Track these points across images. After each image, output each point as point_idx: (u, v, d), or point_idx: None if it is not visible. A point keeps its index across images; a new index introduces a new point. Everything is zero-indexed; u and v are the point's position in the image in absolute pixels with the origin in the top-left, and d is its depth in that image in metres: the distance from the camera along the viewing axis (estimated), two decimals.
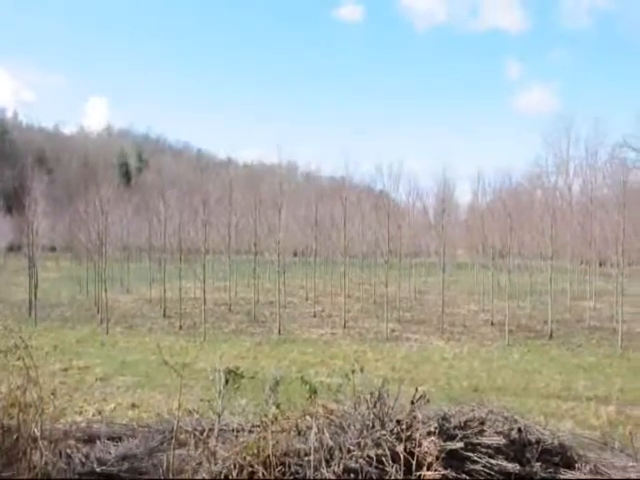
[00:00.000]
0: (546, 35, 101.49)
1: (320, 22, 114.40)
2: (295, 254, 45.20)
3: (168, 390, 10.11)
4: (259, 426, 5.21)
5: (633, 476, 5.08)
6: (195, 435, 5.09)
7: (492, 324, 22.22)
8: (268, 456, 4.65)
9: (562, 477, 5.09)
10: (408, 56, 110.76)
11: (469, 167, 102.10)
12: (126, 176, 79.70)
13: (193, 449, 5.10)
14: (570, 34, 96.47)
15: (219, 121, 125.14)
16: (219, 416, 5.50)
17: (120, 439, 5.74)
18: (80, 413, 9.11)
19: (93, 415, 8.97)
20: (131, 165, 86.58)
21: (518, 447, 5.20)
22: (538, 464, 5.09)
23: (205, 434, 5.27)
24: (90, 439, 5.41)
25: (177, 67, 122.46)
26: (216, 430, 5.35)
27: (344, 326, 21.01)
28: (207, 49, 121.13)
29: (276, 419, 5.08)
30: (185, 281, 24.47)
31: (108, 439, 5.64)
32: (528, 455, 5.16)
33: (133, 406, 9.69)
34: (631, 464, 5.45)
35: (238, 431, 5.54)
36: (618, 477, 5.10)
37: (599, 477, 5.12)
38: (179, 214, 25.37)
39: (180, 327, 20.17)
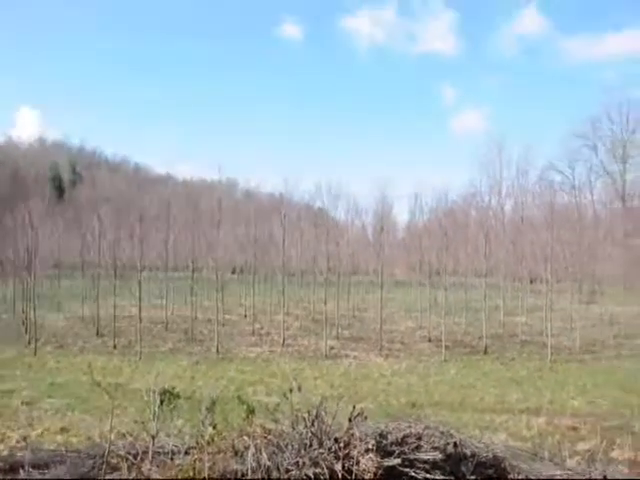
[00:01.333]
0: (478, 61, 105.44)
1: (261, 40, 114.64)
2: (234, 271, 44.69)
3: (101, 412, 9.70)
4: (195, 447, 5.09)
5: None
6: (128, 459, 4.92)
7: (429, 340, 22.64)
8: (204, 478, 4.55)
9: None
10: (348, 76, 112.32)
11: (407, 187, 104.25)
12: (59, 190, 76.81)
13: (126, 474, 4.93)
14: (500, 62, 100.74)
15: (158, 136, 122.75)
16: (153, 438, 5.34)
17: (47, 466, 5.46)
18: (1, 441, 8.62)
19: (17, 442, 8.50)
20: (64, 178, 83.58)
21: (454, 461, 5.30)
22: (473, 477, 5.21)
23: (139, 458, 5.11)
24: (12, 468, 5.13)
25: (115, 79, 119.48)
26: (150, 453, 5.19)
27: (283, 344, 20.90)
28: (145, 63, 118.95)
29: (212, 440, 4.98)
30: (120, 299, 23.74)
31: (33, 467, 5.35)
32: (463, 469, 5.26)
33: (62, 430, 9.24)
34: (558, 472, 5.67)
35: (174, 453, 5.40)
36: None
37: None
38: (114, 230, 24.68)
39: (114, 346, 19.52)
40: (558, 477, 5.61)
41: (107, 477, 4.78)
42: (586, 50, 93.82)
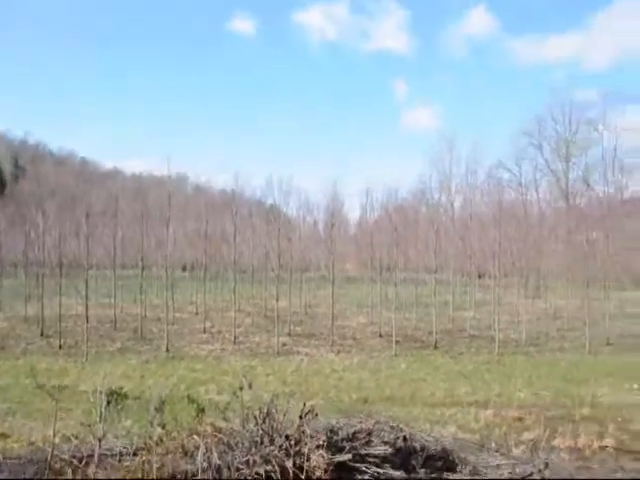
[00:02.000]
0: (430, 59, 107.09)
1: (213, 34, 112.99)
2: (184, 269, 44.14)
3: (44, 416, 9.39)
4: (144, 448, 5.01)
5: (505, 472, 5.44)
6: (72, 463, 4.79)
7: (380, 336, 22.90)
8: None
9: None
10: (300, 71, 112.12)
11: (358, 183, 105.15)
12: None
13: (71, 478, 4.79)
14: (451, 60, 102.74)
15: (106, 130, 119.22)
16: (100, 440, 5.22)
17: None
18: None
19: None
20: (5, 172, 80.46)
21: (404, 455, 5.40)
22: (423, 470, 5.32)
23: (84, 461, 4.98)
24: None
25: (60, 70, 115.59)
26: (96, 456, 5.07)
27: (234, 341, 20.74)
28: (92, 56, 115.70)
29: (161, 440, 4.91)
30: (66, 298, 23.05)
31: None
32: (413, 462, 5.36)
33: (2, 436, 8.87)
34: (504, 462, 5.86)
35: (121, 455, 5.29)
36: (493, 475, 5.44)
37: (477, 477, 5.44)
38: (59, 226, 23.92)
39: (60, 347, 18.93)
40: (504, 466, 5.79)
41: None
42: (532, 51, 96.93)
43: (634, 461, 8.22)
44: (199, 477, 4.47)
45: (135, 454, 5.06)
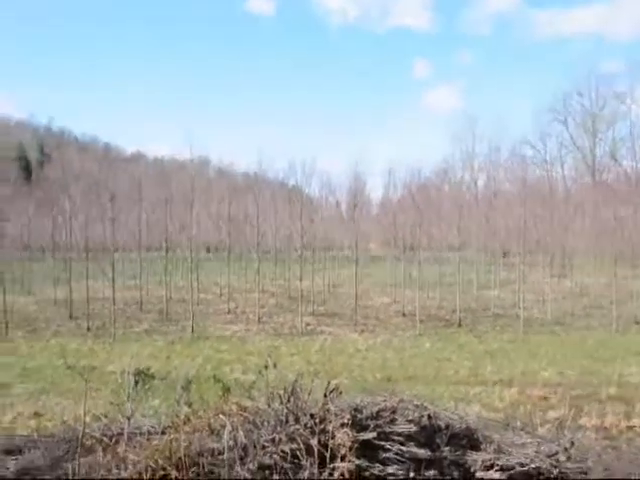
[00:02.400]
0: (452, 37, 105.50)
1: (231, 16, 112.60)
2: (208, 250, 44.55)
3: (75, 396, 9.63)
4: (171, 427, 5.10)
5: (530, 450, 5.43)
6: (103, 441, 4.91)
7: (404, 315, 22.90)
8: (180, 457, 4.56)
9: (468, 459, 5.35)
10: (321, 52, 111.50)
11: (381, 163, 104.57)
12: (26, 171, 75.07)
13: (101, 456, 4.91)
14: (473, 37, 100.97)
15: (128, 114, 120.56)
16: (129, 419, 5.33)
17: (20, 452, 5.43)
18: None
19: None
20: (31, 159, 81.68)
21: (428, 433, 5.41)
22: (447, 448, 5.33)
23: (114, 439, 5.09)
24: None
25: (82, 57, 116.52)
26: (125, 434, 5.19)
27: (259, 322, 20.94)
28: (116, 40, 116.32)
29: (188, 419, 5.00)
30: (93, 281, 23.43)
31: (6, 453, 5.32)
32: (438, 440, 5.38)
33: (35, 415, 9.12)
34: (529, 440, 5.84)
35: (150, 434, 5.40)
36: (518, 453, 5.43)
37: (502, 455, 5.44)
38: (85, 210, 24.24)
39: (88, 329, 19.31)
40: (529, 445, 5.77)
41: (82, 460, 4.77)
42: (556, 24, 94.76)
43: None
44: (225, 455, 4.54)
45: (163, 432, 5.16)
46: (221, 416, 4.96)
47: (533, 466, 5.19)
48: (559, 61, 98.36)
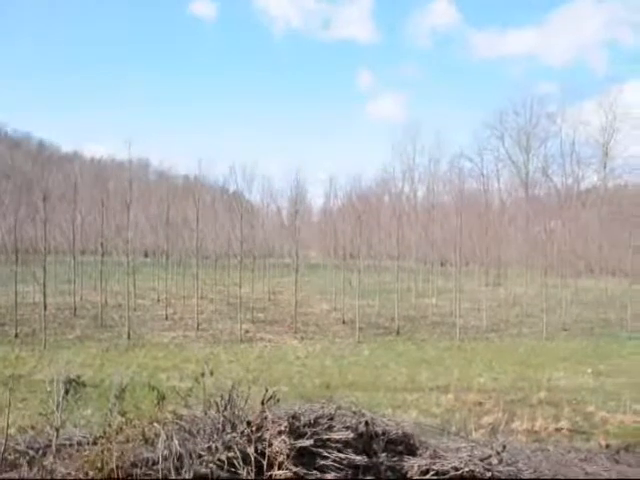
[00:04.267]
0: (395, 48, 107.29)
1: (174, 18, 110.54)
2: (146, 255, 43.47)
3: None
4: (103, 437, 4.92)
5: (464, 455, 5.56)
6: (28, 454, 4.68)
7: (344, 322, 23.04)
8: (112, 468, 4.41)
9: (405, 464, 5.42)
10: (264, 58, 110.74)
11: (322, 172, 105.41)
12: None
13: (27, 470, 4.68)
14: (416, 50, 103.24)
15: (65, 111, 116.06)
16: (57, 430, 5.10)
17: None
18: None
19: None
20: None
21: (365, 440, 5.45)
22: (384, 454, 5.38)
23: (41, 452, 4.87)
24: None
25: (17, 48, 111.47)
26: (54, 446, 4.97)
27: (197, 328, 20.58)
28: (51, 38, 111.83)
29: (121, 429, 4.83)
30: (23, 285, 22.40)
31: None
32: (375, 446, 5.42)
33: None
34: (464, 445, 5.97)
35: (80, 444, 5.19)
36: (453, 458, 5.54)
37: (437, 460, 5.53)
38: (15, 210, 23.19)
39: (16, 335, 18.43)
40: (463, 449, 5.90)
41: (4, 475, 4.53)
42: (492, 44, 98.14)
43: (587, 442, 8.51)
44: (160, 465, 4.42)
45: (95, 443, 4.97)
46: (156, 425, 4.83)
47: (467, 470, 5.31)
48: (497, 79, 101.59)
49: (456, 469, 5.31)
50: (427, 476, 5.22)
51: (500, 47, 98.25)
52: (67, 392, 5.24)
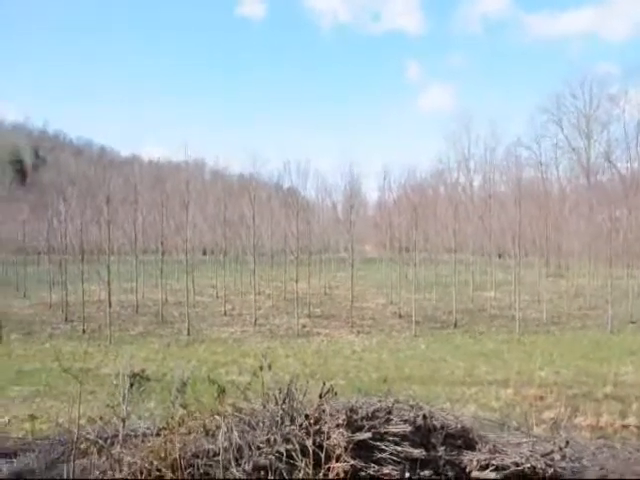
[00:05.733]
0: (444, 38, 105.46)
1: (223, 19, 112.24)
2: (204, 253, 44.48)
3: (70, 398, 9.57)
4: (166, 429, 5.09)
5: (525, 450, 5.44)
6: (98, 443, 4.89)
7: (400, 316, 22.91)
8: (175, 459, 4.56)
9: (464, 458, 5.36)
10: (313, 55, 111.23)
11: (376, 165, 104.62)
12: (21, 174, 74.84)
13: (96, 458, 4.90)
14: (465, 38, 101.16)
15: (123, 118, 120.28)
16: (124, 421, 5.31)
17: (15, 454, 5.42)
18: None
19: None
20: (26, 162, 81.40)
21: (423, 433, 5.42)
22: (442, 448, 5.34)
23: (109, 441, 5.08)
24: None
25: (76, 60, 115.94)
26: (120, 436, 5.17)
27: (255, 324, 20.93)
28: (110, 45, 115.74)
29: (183, 421, 4.98)
30: (89, 284, 23.38)
31: (0, 456, 5.29)
32: (433, 440, 5.38)
33: (30, 418, 9.10)
34: (525, 440, 5.85)
35: (145, 435, 5.39)
36: (513, 453, 5.44)
37: (497, 455, 5.45)
38: (80, 213, 24.19)
39: (83, 331, 19.27)
40: (524, 444, 5.78)
41: (77, 462, 4.75)
42: (547, 26, 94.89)
43: None
44: (220, 456, 4.53)
45: (158, 434, 5.15)
46: (216, 417, 4.96)
47: (528, 465, 5.20)
48: (553, 63, 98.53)
49: (517, 464, 5.21)
50: (486, 471, 5.14)
51: (555, 27, 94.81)
52: (132, 385, 5.44)
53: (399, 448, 4.97)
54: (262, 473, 4.52)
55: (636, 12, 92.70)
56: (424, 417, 5.48)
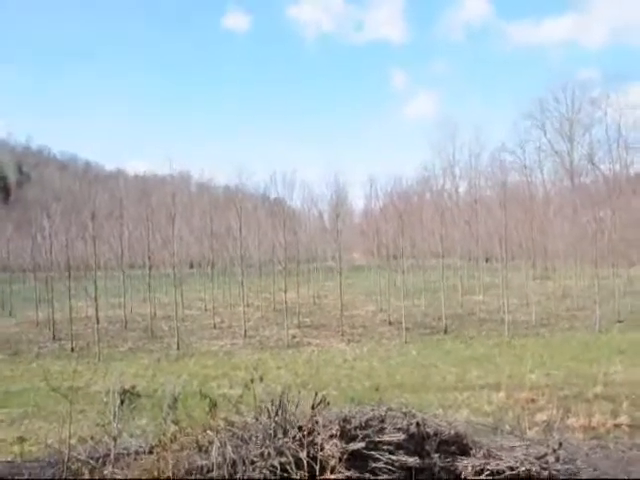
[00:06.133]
0: (427, 46, 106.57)
1: (208, 32, 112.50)
2: (192, 266, 44.28)
3: (60, 419, 9.44)
4: (158, 446, 5.03)
5: (519, 453, 5.45)
6: (89, 464, 4.83)
7: (390, 323, 22.92)
8: (169, 476, 4.51)
9: (458, 465, 5.35)
10: (297, 66, 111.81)
11: (362, 173, 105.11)
12: (4, 191, 74.21)
13: (88, 479, 4.83)
14: (448, 46, 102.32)
15: (107, 132, 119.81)
16: (115, 440, 5.25)
17: (3, 479, 5.32)
18: None
19: None
20: (10, 179, 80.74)
21: (417, 441, 5.41)
22: (437, 455, 5.33)
23: (100, 461, 5.02)
24: None
25: (58, 73, 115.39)
26: (112, 455, 5.11)
27: (245, 336, 20.83)
28: (90, 58, 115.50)
29: (176, 437, 4.94)
30: (76, 300, 23.15)
31: None
32: (427, 447, 5.38)
33: (19, 440, 8.94)
34: (518, 443, 5.85)
35: (137, 453, 5.33)
36: (507, 457, 5.44)
37: (491, 459, 5.44)
38: (66, 229, 23.99)
39: (72, 349, 19.05)
40: (518, 448, 5.79)
41: None
42: (528, 33, 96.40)
43: None
44: (214, 472, 4.50)
45: (151, 452, 5.10)
46: (209, 432, 4.92)
47: (523, 469, 5.20)
48: (534, 69, 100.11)
49: (511, 468, 5.21)
50: (482, 476, 5.14)
51: (536, 35, 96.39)
52: (122, 402, 5.39)
53: (394, 457, 4.96)
54: None
55: (614, 19, 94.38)
56: (417, 424, 5.48)
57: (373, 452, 4.94)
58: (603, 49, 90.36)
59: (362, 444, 4.88)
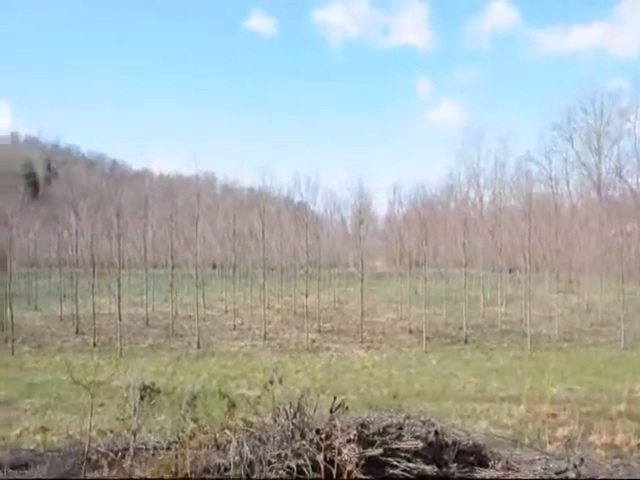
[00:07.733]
0: (453, 54, 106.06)
1: (232, 34, 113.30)
2: (214, 267, 44.57)
3: (81, 411, 9.57)
4: (177, 442, 5.07)
5: (539, 467, 5.37)
6: (109, 456, 4.89)
7: (410, 331, 22.79)
8: (186, 473, 4.54)
9: (477, 476, 5.30)
10: (322, 70, 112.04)
11: (386, 180, 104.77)
12: (33, 187, 75.55)
13: (107, 471, 4.89)
14: (474, 54, 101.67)
15: (135, 131, 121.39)
16: (134, 434, 5.31)
17: (27, 466, 5.42)
18: None
19: None
20: (39, 176, 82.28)
21: (435, 449, 5.36)
22: (455, 465, 5.28)
23: (119, 454, 5.07)
24: None
25: (88, 74, 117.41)
26: (131, 449, 5.16)
27: (264, 338, 20.88)
28: (120, 58, 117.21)
29: (194, 435, 4.97)
30: (99, 297, 23.48)
31: (12, 468, 5.29)
32: (445, 457, 5.33)
33: (42, 430, 9.11)
34: (538, 457, 5.77)
35: (155, 449, 5.38)
36: (527, 470, 5.37)
37: (510, 472, 5.38)
38: (91, 227, 24.36)
39: (94, 344, 19.31)
40: (537, 462, 5.71)
41: (88, 475, 4.75)
42: (556, 41, 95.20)
43: None
44: (231, 471, 4.51)
45: (169, 448, 5.14)
46: (227, 431, 4.94)
47: None
48: (562, 78, 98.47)
49: None
50: None
51: (564, 43, 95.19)
52: (142, 398, 5.44)
53: (411, 464, 4.93)
54: None
55: None
56: (436, 433, 5.43)
57: (390, 459, 4.91)
58: (633, 58, 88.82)
59: (380, 450, 4.86)
